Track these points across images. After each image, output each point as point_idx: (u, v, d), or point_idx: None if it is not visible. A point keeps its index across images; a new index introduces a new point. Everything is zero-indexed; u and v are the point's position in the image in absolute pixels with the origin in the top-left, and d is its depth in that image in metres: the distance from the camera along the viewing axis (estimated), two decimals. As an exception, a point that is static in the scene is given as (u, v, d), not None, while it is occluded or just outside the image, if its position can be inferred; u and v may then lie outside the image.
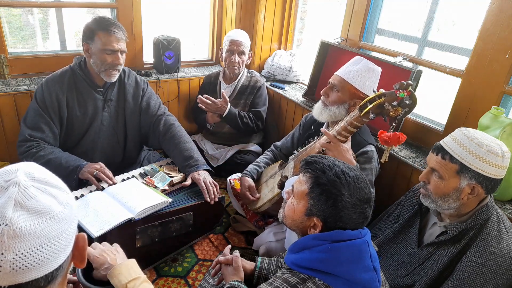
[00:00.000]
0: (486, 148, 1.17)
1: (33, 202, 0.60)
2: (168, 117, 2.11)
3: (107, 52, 1.82)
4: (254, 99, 2.62)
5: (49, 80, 1.89)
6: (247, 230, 2.14)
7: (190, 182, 1.88)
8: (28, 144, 1.82)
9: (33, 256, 0.59)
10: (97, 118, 1.97)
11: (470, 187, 1.21)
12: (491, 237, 1.21)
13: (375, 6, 2.30)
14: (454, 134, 1.26)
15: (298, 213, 1.11)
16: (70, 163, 1.80)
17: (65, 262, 0.66)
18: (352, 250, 1.02)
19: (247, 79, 2.65)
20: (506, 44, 1.65)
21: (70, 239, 0.66)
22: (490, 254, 1.18)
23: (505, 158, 1.18)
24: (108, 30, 1.81)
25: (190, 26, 4.21)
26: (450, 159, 1.22)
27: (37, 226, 0.59)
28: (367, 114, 1.47)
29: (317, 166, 1.09)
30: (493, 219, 1.24)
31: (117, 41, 1.84)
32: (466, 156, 1.19)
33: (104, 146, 2.03)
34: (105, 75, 1.88)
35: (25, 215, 0.59)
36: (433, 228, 1.41)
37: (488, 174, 1.18)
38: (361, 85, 1.72)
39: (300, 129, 2.10)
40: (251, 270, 1.41)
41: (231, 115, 2.47)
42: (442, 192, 1.26)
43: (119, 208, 1.63)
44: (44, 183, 0.64)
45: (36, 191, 0.62)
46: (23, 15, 4.58)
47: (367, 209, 1.07)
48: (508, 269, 1.17)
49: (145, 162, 2.21)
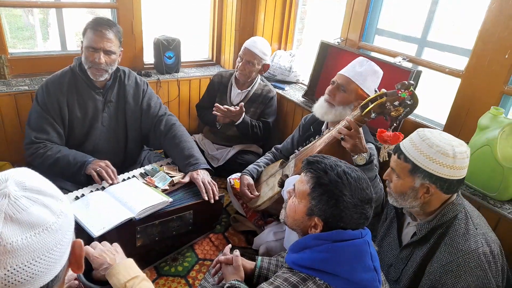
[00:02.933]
0: (436, 148, 1.18)
1: (25, 214, 0.57)
2: (169, 117, 2.11)
3: (89, 49, 1.81)
4: (265, 109, 2.58)
5: (49, 81, 1.89)
6: (247, 230, 2.14)
7: (187, 180, 1.89)
8: (35, 146, 1.83)
9: (26, 271, 0.56)
10: (97, 119, 1.97)
11: (424, 186, 1.22)
12: (458, 235, 1.21)
13: (375, 6, 2.30)
14: (412, 134, 1.28)
15: (299, 213, 1.12)
16: (77, 159, 1.82)
17: (61, 272, 0.64)
18: (352, 250, 1.02)
19: (260, 87, 2.59)
20: (505, 44, 1.66)
21: (66, 248, 0.64)
22: (458, 252, 1.18)
23: (457, 159, 1.17)
24: (95, 28, 1.80)
25: (190, 26, 4.21)
26: (404, 159, 1.24)
27: (29, 240, 0.56)
28: (369, 114, 1.48)
29: (319, 166, 1.09)
30: (461, 217, 1.24)
31: (101, 40, 1.79)
32: (418, 156, 1.21)
33: (105, 147, 2.04)
34: (90, 73, 1.86)
35: (16, 228, 0.56)
36: (408, 228, 1.42)
37: (440, 174, 1.18)
38: (367, 86, 1.73)
39: (299, 130, 2.10)
40: (251, 269, 1.41)
41: (244, 123, 2.44)
42: (400, 191, 1.28)
43: (120, 207, 1.63)
44: (36, 192, 0.61)
45: (27, 202, 0.59)
46: (23, 15, 4.58)
47: (368, 209, 1.07)
48: (477, 266, 1.16)
49: (145, 162, 2.21)
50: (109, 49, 1.82)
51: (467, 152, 1.20)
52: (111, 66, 1.88)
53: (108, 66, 1.86)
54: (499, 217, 1.56)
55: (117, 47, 1.88)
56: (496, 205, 1.58)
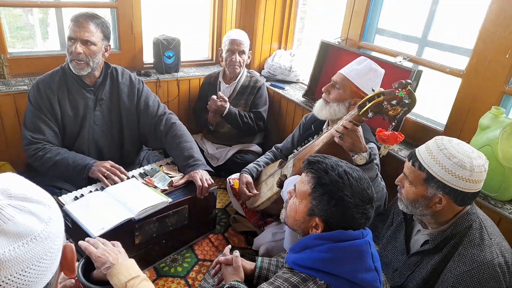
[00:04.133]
0: (454, 160, 1.14)
1: (11, 224, 0.55)
2: (169, 116, 2.09)
3: (69, 41, 1.79)
4: (255, 99, 2.62)
5: (39, 81, 1.87)
6: (247, 230, 2.14)
7: (184, 181, 1.89)
8: (34, 147, 1.82)
9: (16, 282, 0.54)
10: (88, 118, 1.94)
11: (437, 197, 1.19)
12: (473, 245, 1.18)
13: (375, 6, 2.30)
14: (429, 142, 1.24)
15: (300, 213, 1.11)
16: (77, 162, 1.81)
17: (53, 278, 0.62)
18: (353, 250, 1.02)
19: (247, 79, 2.65)
20: (506, 44, 1.65)
21: (56, 255, 0.62)
22: (473, 263, 1.16)
23: (474, 173, 1.13)
24: (75, 19, 1.77)
25: (190, 26, 4.21)
26: (419, 167, 1.21)
27: (17, 251, 0.54)
28: (366, 113, 1.47)
29: (320, 166, 1.08)
30: (475, 227, 1.21)
31: (78, 30, 1.75)
32: (433, 166, 1.17)
33: (99, 146, 2.02)
34: (72, 67, 1.83)
35: (3, 240, 0.54)
36: (418, 235, 1.40)
37: (455, 186, 1.15)
38: (363, 84, 1.72)
39: (300, 129, 2.10)
40: (251, 270, 1.41)
41: (231, 114, 2.47)
42: (412, 198, 1.25)
43: (119, 208, 1.63)
44: (22, 199, 0.59)
45: (13, 211, 0.56)
46: (23, 15, 4.58)
47: (369, 209, 1.07)
48: (491, 277, 1.14)
49: (144, 162, 2.20)
50: (87, 38, 1.77)
51: (485, 165, 1.17)
52: (91, 58, 1.81)
53: (88, 58, 1.80)
54: (499, 217, 1.55)
55: (98, 38, 1.81)
56: (497, 205, 1.58)
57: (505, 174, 1.54)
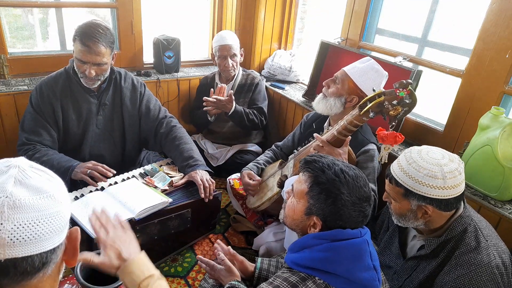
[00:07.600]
0: (424, 172, 1.15)
1: (32, 180, 0.64)
2: (169, 119, 2.09)
3: (79, 61, 1.77)
4: (253, 96, 2.61)
5: (43, 83, 1.86)
6: (247, 230, 2.14)
7: (184, 181, 1.88)
8: (26, 147, 1.81)
9: (30, 229, 0.61)
10: (91, 122, 1.94)
11: (422, 208, 1.19)
12: (469, 249, 1.18)
13: (375, 6, 2.30)
14: (400, 157, 1.25)
15: (298, 213, 1.12)
16: (61, 164, 1.78)
17: (59, 248, 0.67)
18: (352, 249, 1.02)
19: (243, 77, 2.64)
20: (506, 44, 1.65)
21: (64, 225, 0.68)
22: (471, 266, 1.16)
23: (447, 179, 1.14)
24: (83, 42, 1.72)
25: (190, 26, 4.20)
26: (396, 183, 1.22)
27: (35, 201, 0.62)
28: (367, 113, 1.48)
29: (316, 165, 1.09)
30: (470, 230, 1.21)
31: (89, 55, 1.73)
32: (407, 181, 1.18)
33: (101, 150, 2.02)
34: (83, 81, 1.83)
35: (24, 190, 0.62)
36: (414, 241, 1.40)
37: (433, 196, 1.15)
38: (360, 82, 1.73)
39: (301, 127, 2.10)
40: (251, 271, 1.41)
41: (237, 112, 2.45)
42: (399, 213, 1.26)
43: (119, 208, 1.62)
44: (41, 171, 0.69)
45: (34, 173, 0.66)
46: (23, 15, 4.58)
47: (366, 207, 1.07)
48: (490, 279, 1.14)
49: (144, 162, 2.20)
50: (98, 62, 1.77)
51: (458, 169, 1.16)
52: (103, 74, 1.84)
53: (100, 76, 1.83)
54: (499, 217, 1.55)
55: (108, 55, 1.80)
56: (496, 205, 1.58)
57: (505, 174, 1.54)
